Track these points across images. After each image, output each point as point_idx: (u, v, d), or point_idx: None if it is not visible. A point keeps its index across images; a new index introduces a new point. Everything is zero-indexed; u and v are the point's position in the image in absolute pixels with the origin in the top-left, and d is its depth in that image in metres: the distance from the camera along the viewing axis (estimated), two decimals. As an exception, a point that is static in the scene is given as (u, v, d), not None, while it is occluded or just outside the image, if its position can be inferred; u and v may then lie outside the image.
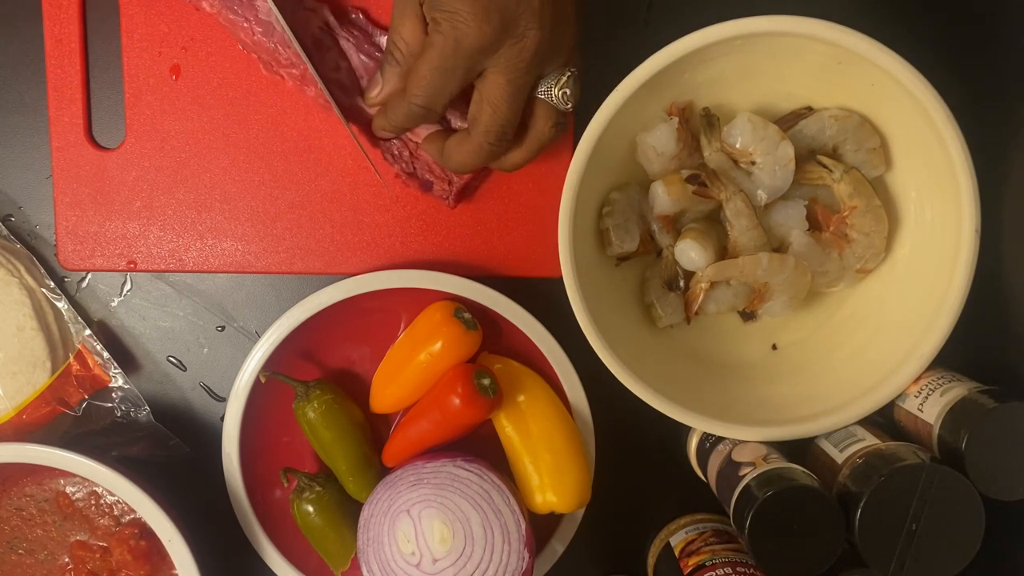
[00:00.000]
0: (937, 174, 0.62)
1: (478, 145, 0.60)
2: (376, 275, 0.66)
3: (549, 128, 0.61)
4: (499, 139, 0.59)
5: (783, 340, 0.70)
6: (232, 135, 0.69)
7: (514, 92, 0.58)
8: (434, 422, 0.66)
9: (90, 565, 0.68)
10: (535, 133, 0.61)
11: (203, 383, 0.72)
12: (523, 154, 0.62)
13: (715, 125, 0.65)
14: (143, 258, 0.70)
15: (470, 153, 0.60)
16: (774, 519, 0.58)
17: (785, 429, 0.64)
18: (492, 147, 0.60)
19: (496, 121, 0.58)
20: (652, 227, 0.67)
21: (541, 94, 0.60)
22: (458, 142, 0.61)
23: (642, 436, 0.72)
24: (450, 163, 0.62)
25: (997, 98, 0.70)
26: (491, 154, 0.60)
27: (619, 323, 0.66)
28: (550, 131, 0.61)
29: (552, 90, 0.59)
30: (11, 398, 0.68)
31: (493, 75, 0.57)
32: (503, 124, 0.59)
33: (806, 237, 0.65)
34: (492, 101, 0.58)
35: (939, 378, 0.64)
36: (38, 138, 0.70)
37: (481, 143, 0.60)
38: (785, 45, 0.61)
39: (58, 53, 0.68)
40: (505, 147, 0.61)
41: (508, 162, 0.62)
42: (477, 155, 0.60)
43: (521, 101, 0.59)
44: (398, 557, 0.63)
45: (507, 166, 0.63)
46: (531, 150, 0.62)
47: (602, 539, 0.73)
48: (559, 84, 0.59)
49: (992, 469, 0.58)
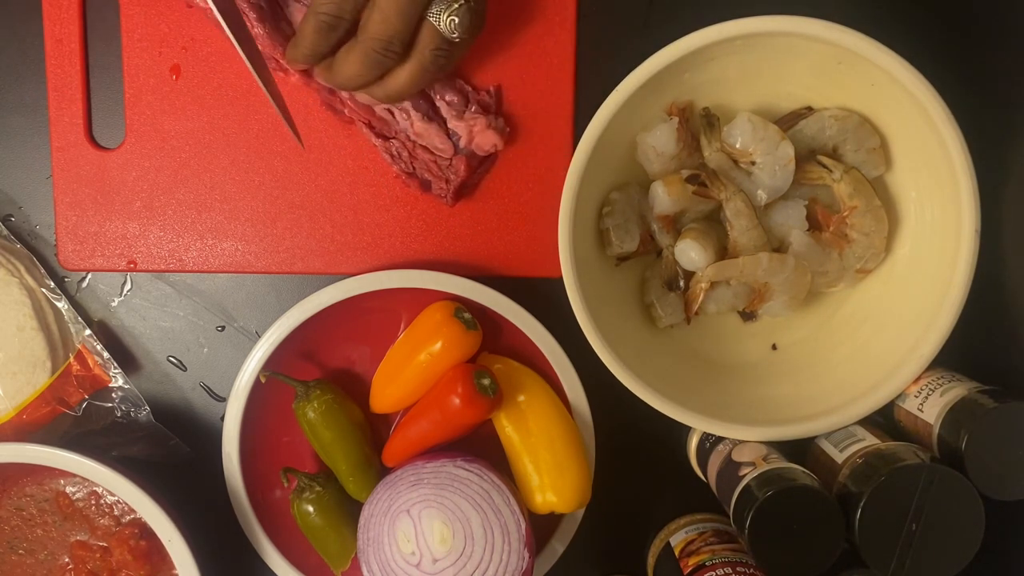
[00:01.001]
0: (937, 174, 0.62)
1: (364, 52, 0.59)
2: (376, 275, 0.66)
3: (430, 52, 0.60)
4: (385, 48, 0.59)
5: (783, 340, 0.70)
6: (232, 135, 0.69)
7: (407, 2, 0.57)
8: (434, 422, 0.66)
9: (90, 565, 0.68)
10: (417, 55, 0.60)
11: (203, 383, 0.72)
12: (405, 75, 0.61)
13: (715, 125, 0.65)
14: (143, 258, 0.70)
15: (356, 62, 0.60)
16: (774, 519, 0.58)
17: (785, 429, 0.64)
18: (378, 55, 0.59)
19: (384, 29, 0.58)
20: (652, 227, 0.67)
21: (430, 16, 0.59)
22: (345, 51, 0.61)
23: (642, 436, 0.72)
24: (339, 76, 0.61)
25: (997, 98, 0.70)
26: (378, 63, 0.60)
27: (619, 323, 0.66)
28: (431, 55, 0.60)
29: (441, 15, 0.59)
30: (11, 398, 0.68)
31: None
32: (391, 33, 0.58)
33: (806, 237, 0.65)
34: (382, 8, 0.58)
35: (939, 378, 0.64)
36: (38, 138, 0.70)
37: (367, 50, 0.59)
38: (785, 45, 0.61)
39: (58, 53, 0.68)
40: (392, 59, 0.60)
41: (391, 85, 0.62)
42: (363, 63, 0.60)
43: (412, 14, 0.58)
44: (398, 557, 0.63)
45: (390, 89, 0.62)
46: (413, 73, 0.61)
47: (602, 539, 0.73)
48: (450, 10, 0.59)
49: (992, 469, 0.58)
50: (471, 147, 0.67)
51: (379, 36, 0.58)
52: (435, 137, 0.66)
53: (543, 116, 0.69)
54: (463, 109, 0.66)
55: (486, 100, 0.68)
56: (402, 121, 0.67)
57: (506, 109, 0.69)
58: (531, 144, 0.69)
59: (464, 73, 0.68)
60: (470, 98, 0.67)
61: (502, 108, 0.68)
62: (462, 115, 0.66)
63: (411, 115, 0.66)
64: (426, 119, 0.66)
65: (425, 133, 0.66)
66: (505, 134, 0.67)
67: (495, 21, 0.67)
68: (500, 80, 0.68)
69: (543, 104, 0.69)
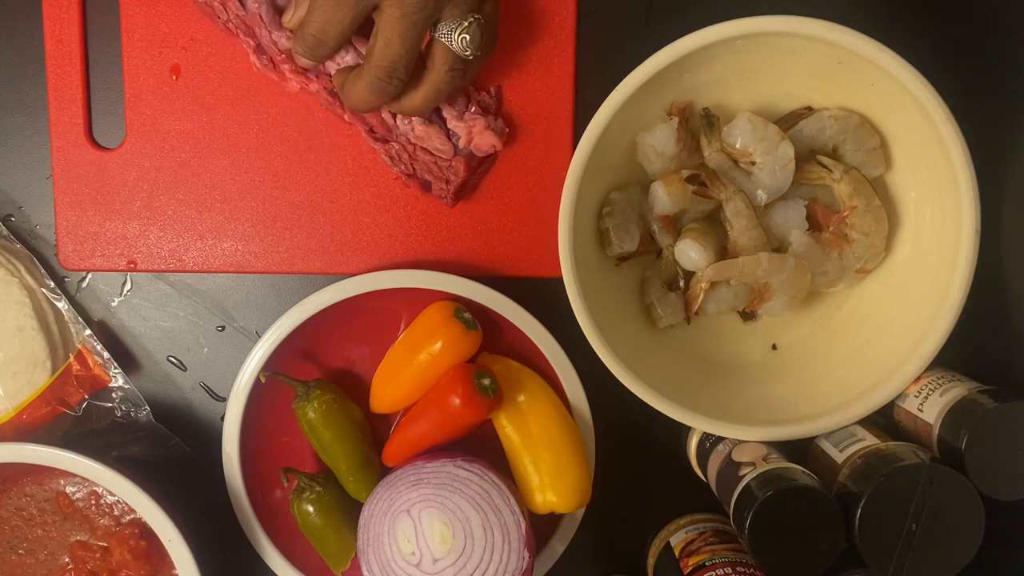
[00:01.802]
0: (937, 174, 0.62)
1: (369, 80, 0.59)
2: (376, 275, 0.66)
3: (445, 72, 0.60)
4: (389, 75, 0.59)
5: (783, 340, 0.70)
6: (232, 135, 0.69)
7: (407, 27, 0.57)
8: (434, 422, 0.66)
9: (90, 565, 0.68)
10: (432, 75, 0.60)
11: (203, 383, 0.72)
12: (420, 96, 0.61)
13: (715, 125, 0.65)
14: (143, 258, 0.70)
15: (363, 88, 0.60)
16: (774, 519, 0.58)
17: (785, 429, 0.64)
18: (383, 83, 0.59)
19: (387, 56, 0.58)
20: (652, 227, 0.67)
21: (442, 37, 0.59)
22: (354, 77, 0.61)
23: (642, 436, 0.72)
24: (349, 99, 0.61)
25: (997, 98, 0.70)
26: (383, 91, 0.60)
27: (619, 323, 0.66)
28: (446, 75, 0.60)
29: (453, 34, 0.59)
30: (11, 398, 0.68)
31: (388, 8, 0.57)
32: (394, 60, 0.58)
33: (806, 237, 0.65)
34: (385, 35, 0.58)
35: (939, 378, 0.64)
36: (38, 138, 0.70)
37: (372, 78, 0.59)
38: (785, 45, 0.61)
39: (58, 53, 0.68)
40: (397, 85, 0.60)
41: (406, 105, 0.62)
42: (369, 91, 0.60)
43: (415, 38, 0.58)
44: (398, 557, 0.63)
45: (406, 109, 0.62)
46: (428, 93, 0.61)
47: (602, 539, 0.73)
48: (460, 29, 0.59)
49: (992, 469, 0.58)
50: (470, 148, 0.67)
51: (382, 64, 0.58)
52: (435, 138, 0.66)
53: (543, 116, 0.69)
54: (463, 110, 0.66)
55: (486, 100, 0.68)
56: (402, 125, 0.67)
57: (506, 109, 0.69)
58: (531, 144, 0.69)
59: (464, 73, 0.68)
60: (470, 98, 0.67)
61: (502, 108, 0.69)
62: (462, 116, 0.66)
63: (412, 119, 0.66)
64: (427, 122, 0.66)
65: (426, 136, 0.66)
66: (504, 135, 0.67)
67: (495, 21, 0.67)
68: (500, 80, 0.68)
69: (543, 104, 0.69)
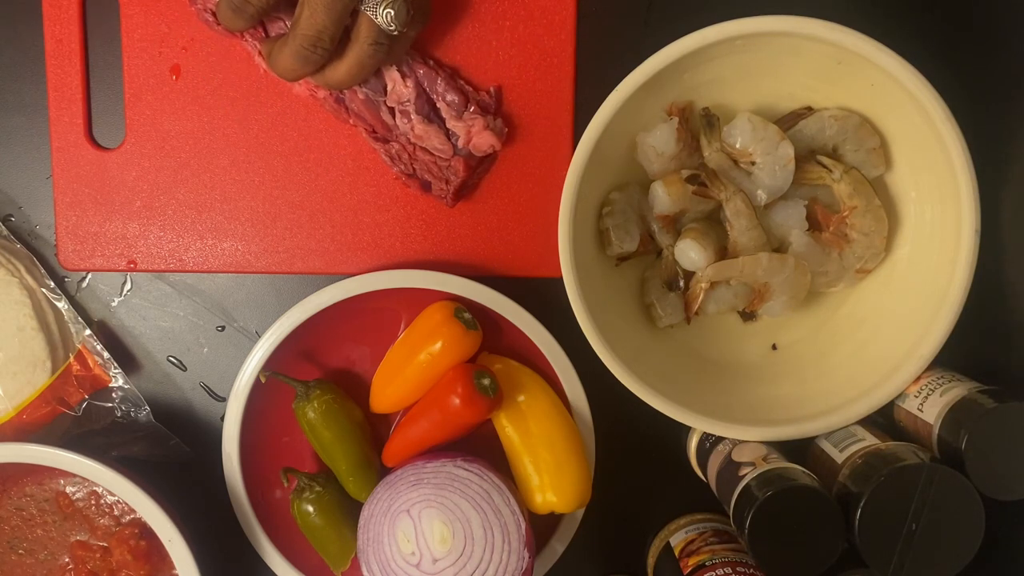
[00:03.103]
0: (937, 174, 0.62)
1: (294, 49, 0.60)
2: (376, 275, 0.66)
3: (368, 45, 0.60)
4: (313, 44, 0.59)
5: (783, 340, 0.70)
6: (232, 135, 0.69)
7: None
8: (434, 422, 0.66)
9: (90, 565, 0.68)
10: (355, 48, 0.61)
11: (203, 383, 0.72)
12: (344, 68, 0.61)
13: (715, 125, 0.65)
14: (143, 258, 0.70)
15: (288, 56, 0.60)
16: (774, 519, 0.58)
17: (785, 429, 0.64)
18: (307, 52, 0.59)
19: (312, 25, 0.58)
20: (652, 227, 0.67)
21: (367, 10, 0.59)
22: (280, 45, 0.61)
23: (642, 436, 0.72)
24: (275, 67, 0.62)
25: (997, 98, 0.70)
26: (307, 60, 0.60)
27: (619, 323, 0.66)
28: (369, 48, 0.60)
29: (378, 8, 0.59)
30: (11, 398, 0.68)
31: None
32: (319, 30, 0.59)
33: (806, 237, 0.65)
34: (311, 4, 0.58)
35: (939, 378, 0.64)
36: (38, 138, 0.70)
37: (297, 47, 0.59)
38: (785, 45, 0.61)
39: (58, 53, 0.68)
40: (321, 55, 0.60)
41: (330, 76, 0.62)
42: (294, 59, 0.60)
43: (340, 10, 0.58)
44: (398, 557, 0.63)
45: (330, 80, 0.62)
46: (351, 65, 0.61)
47: (602, 539, 0.73)
48: (386, 3, 0.59)
49: (992, 469, 0.58)
50: (469, 148, 0.67)
51: (307, 33, 0.59)
52: (435, 138, 0.66)
53: (543, 116, 0.69)
54: (463, 109, 0.66)
55: (486, 100, 0.68)
56: (403, 125, 0.67)
57: (506, 109, 0.69)
58: (531, 144, 0.69)
59: (464, 73, 0.68)
60: (470, 98, 0.67)
61: (502, 108, 0.68)
62: (461, 115, 0.66)
63: (412, 118, 0.66)
64: (426, 121, 0.66)
65: (425, 135, 0.66)
66: (503, 135, 0.67)
67: (495, 21, 0.67)
68: (500, 80, 0.68)
69: (543, 104, 0.69)
